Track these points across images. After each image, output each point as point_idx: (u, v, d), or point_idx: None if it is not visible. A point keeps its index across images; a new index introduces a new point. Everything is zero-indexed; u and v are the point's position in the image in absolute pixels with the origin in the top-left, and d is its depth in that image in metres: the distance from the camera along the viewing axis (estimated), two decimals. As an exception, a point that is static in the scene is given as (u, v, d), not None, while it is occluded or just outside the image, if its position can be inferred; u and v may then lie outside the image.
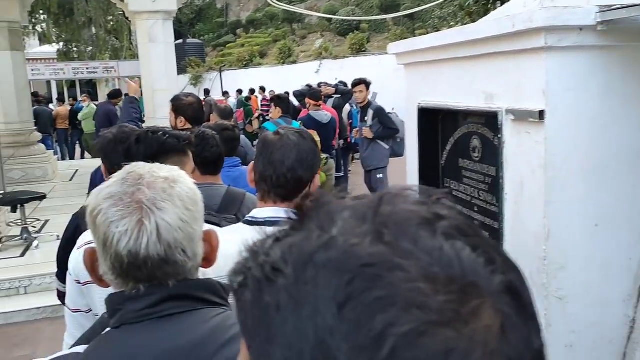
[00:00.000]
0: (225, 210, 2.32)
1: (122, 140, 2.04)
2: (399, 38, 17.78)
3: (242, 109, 15.06)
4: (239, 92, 18.05)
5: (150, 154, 1.56)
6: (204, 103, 13.98)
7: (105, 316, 1.15)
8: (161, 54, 9.59)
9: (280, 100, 5.30)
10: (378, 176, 6.39)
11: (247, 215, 1.55)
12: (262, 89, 18.57)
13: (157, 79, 9.64)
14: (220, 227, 2.21)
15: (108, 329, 0.87)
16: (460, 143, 2.63)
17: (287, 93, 15.55)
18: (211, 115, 4.68)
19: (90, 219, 0.86)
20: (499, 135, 2.03)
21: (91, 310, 1.54)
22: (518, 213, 1.97)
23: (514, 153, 1.98)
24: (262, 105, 17.79)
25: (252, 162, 1.53)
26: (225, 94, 18.66)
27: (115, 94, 9.51)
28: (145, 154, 1.57)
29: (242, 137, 4.37)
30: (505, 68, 1.97)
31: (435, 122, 2.86)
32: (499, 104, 2.02)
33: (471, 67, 2.25)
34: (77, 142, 14.93)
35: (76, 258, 1.52)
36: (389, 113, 6.72)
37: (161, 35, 9.54)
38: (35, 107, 13.69)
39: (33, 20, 21.49)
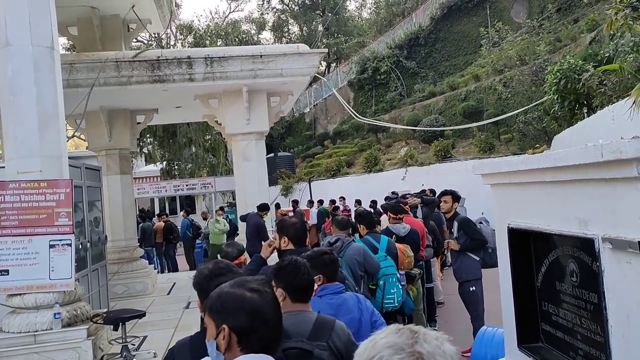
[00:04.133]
0: (316, 337, 2.32)
1: (217, 274, 2.15)
2: (483, 144, 17.73)
3: (327, 218, 15.33)
4: (320, 202, 18.44)
5: None
6: (293, 213, 14.15)
7: None
8: (254, 171, 10.11)
9: (362, 217, 5.36)
10: (471, 289, 6.14)
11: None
12: (342, 199, 18.85)
13: (250, 194, 10.11)
14: (313, 354, 2.23)
15: None
16: (556, 266, 2.52)
17: (375, 201, 15.68)
18: (331, 226, 4.88)
19: None
20: (598, 263, 1.94)
21: None
22: (628, 349, 1.82)
23: (616, 282, 1.86)
24: (342, 214, 18.01)
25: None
26: (310, 202, 19.11)
27: (263, 207, 9.90)
28: None
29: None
30: (597, 194, 1.92)
31: (527, 242, 2.77)
32: (594, 230, 1.94)
33: (561, 191, 2.20)
34: (171, 255, 15.53)
35: None
36: (479, 220, 6.58)
37: (254, 154, 10.12)
38: (141, 224, 14.68)
39: (140, 143, 23.65)
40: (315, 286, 2.80)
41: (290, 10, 40.51)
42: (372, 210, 11.30)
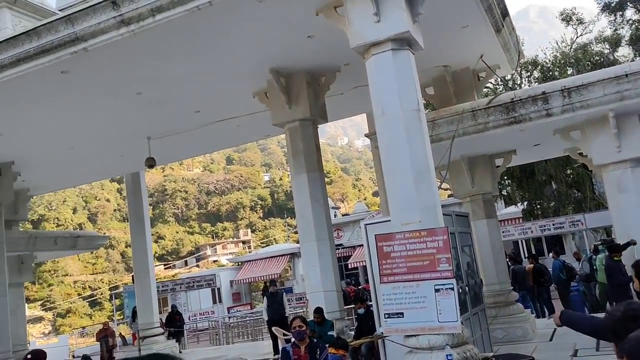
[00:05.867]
0: None
1: (631, 317, 1.97)
2: None
3: None
4: None
5: None
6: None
7: None
8: (632, 202, 9.03)
9: None
10: None
11: None
12: None
13: (630, 229, 9.02)
14: None
15: None
16: None
17: None
18: None
19: None
20: None
21: None
22: None
23: None
24: None
25: None
26: None
27: (612, 248, 9.17)
28: None
29: None
30: None
31: None
32: None
33: None
34: (545, 299, 14.93)
35: None
36: None
37: (631, 183, 9.06)
38: (512, 267, 14.63)
39: (499, 186, 23.75)
40: None
41: (652, 17, 35.58)
42: None
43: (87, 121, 10.76)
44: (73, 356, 24.22)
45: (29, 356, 6.05)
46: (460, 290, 7.55)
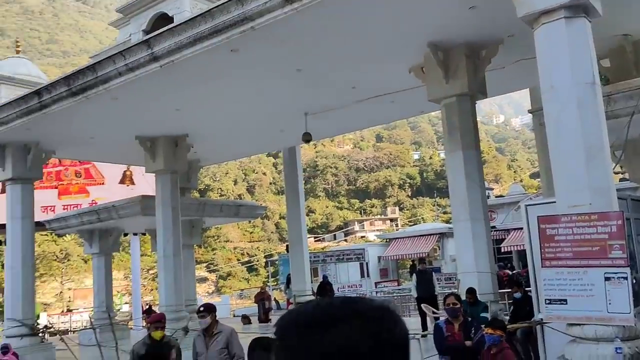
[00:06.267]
0: None
1: None
2: None
3: None
4: None
5: None
6: None
7: None
8: None
9: None
10: None
11: None
12: None
13: None
14: None
15: None
16: None
17: None
18: None
19: None
20: None
21: None
22: None
23: None
24: None
25: None
26: None
27: None
28: None
29: None
30: None
31: None
32: None
33: None
34: None
35: None
36: None
37: None
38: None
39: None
40: None
41: None
42: None
43: (250, 97, 11.45)
44: (233, 315, 26.38)
45: (201, 309, 6.70)
46: (635, 281, 6.87)
